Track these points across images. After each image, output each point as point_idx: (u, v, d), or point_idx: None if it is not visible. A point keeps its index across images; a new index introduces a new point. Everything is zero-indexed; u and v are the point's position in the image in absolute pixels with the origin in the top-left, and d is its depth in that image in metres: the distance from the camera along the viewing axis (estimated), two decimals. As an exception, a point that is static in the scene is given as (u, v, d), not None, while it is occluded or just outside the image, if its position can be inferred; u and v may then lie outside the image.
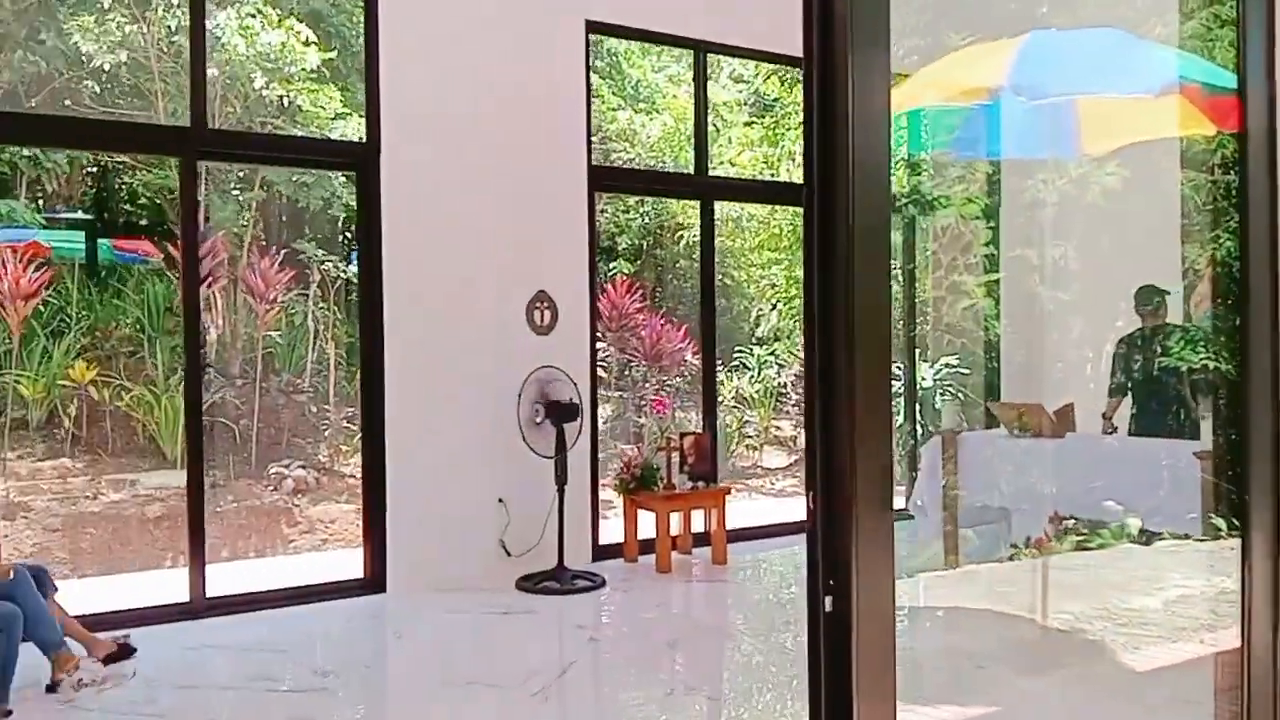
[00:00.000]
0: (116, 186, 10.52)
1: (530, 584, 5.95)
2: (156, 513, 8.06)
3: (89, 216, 10.00)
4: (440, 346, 6.03)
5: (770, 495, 10.41)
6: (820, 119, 1.54)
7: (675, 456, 6.62)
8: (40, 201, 9.94)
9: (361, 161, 5.96)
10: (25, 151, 9.17)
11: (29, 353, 8.76)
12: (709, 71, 12.67)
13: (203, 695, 4.42)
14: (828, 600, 1.49)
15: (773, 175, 11.74)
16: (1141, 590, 5.89)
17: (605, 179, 7.38)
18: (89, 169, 10.25)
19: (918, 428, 8.07)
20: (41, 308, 9.26)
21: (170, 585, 5.69)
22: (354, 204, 7.75)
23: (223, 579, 6.25)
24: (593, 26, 6.56)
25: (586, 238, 6.53)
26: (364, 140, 6.00)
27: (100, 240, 10.23)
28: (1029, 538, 5.59)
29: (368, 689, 4.52)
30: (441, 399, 6.02)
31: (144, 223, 10.27)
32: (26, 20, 8.89)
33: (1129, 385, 6.14)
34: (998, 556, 6.10)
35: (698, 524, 6.77)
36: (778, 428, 11.48)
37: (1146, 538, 5.74)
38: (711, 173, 11.47)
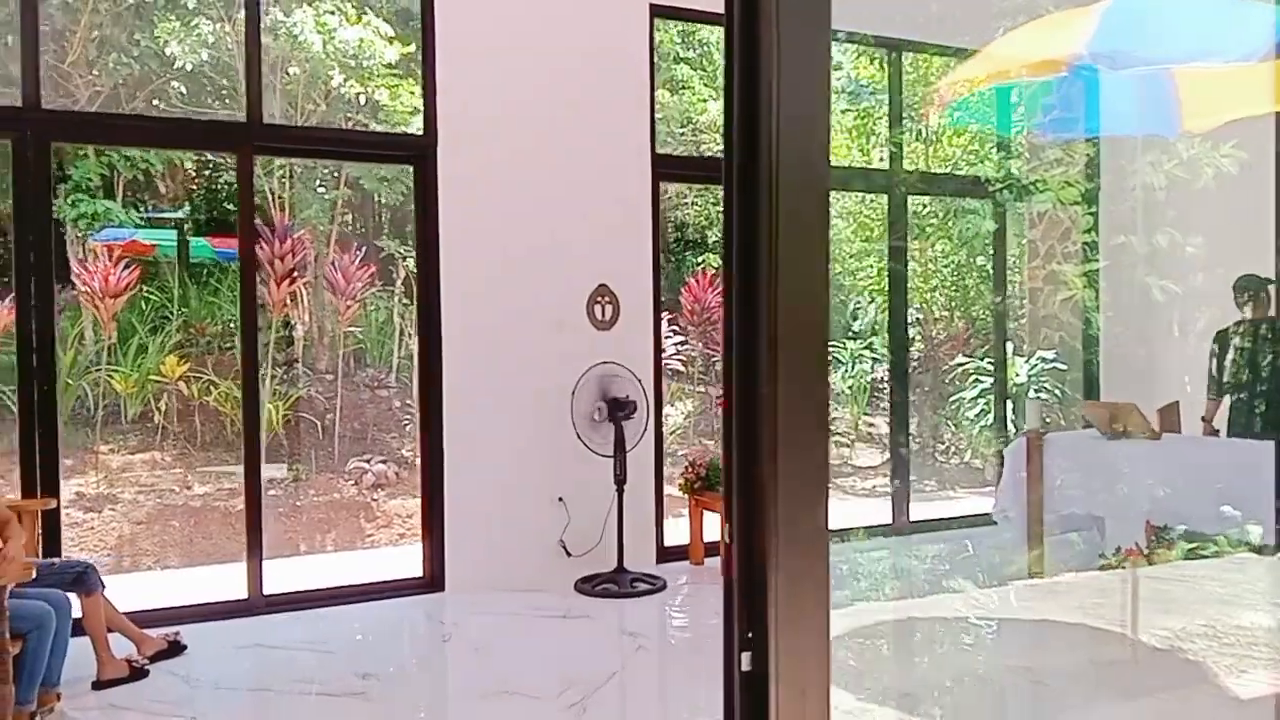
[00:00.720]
0: (216, 185, 10.79)
1: (589, 586, 5.78)
2: (240, 506, 8.16)
3: (181, 214, 10.25)
4: (499, 342, 5.90)
5: (861, 495, 10.03)
6: (742, 75, 1.29)
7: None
8: (148, 203, 10.24)
9: (419, 154, 5.87)
10: (129, 152, 9.44)
11: (126, 348, 9.01)
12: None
13: (240, 696, 4.38)
14: (744, 657, 1.25)
15: (866, 163, 11.32)
16: (1251, 606, 5.40)
17: (670, 168, 7.13)
18: (206, 171, 10.53)
19: (1010, 427, 7.62)
20: (143, 304, 9.53)
21: (246, 579, 5.71)
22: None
23: (299, 573, 6.30)
24: (657, 10, 6.33)
25: (650, 229, 6.31)
26: (422, 133, 5.91)
27: (195, 238, 10.49)
28: (1119, 548, 5.15)
29: (404, 695, 4.41)
30: (501, 396, 5.89)
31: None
32: (123, 24, 9.13)
33: (1231, 383, 5.63)
34: (1087, 567, 5.66)
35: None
36: (870, 424, 11.08)
37: (1261, 548, 5.26)
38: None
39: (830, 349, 10.58)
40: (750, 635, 1.24)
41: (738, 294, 1.28)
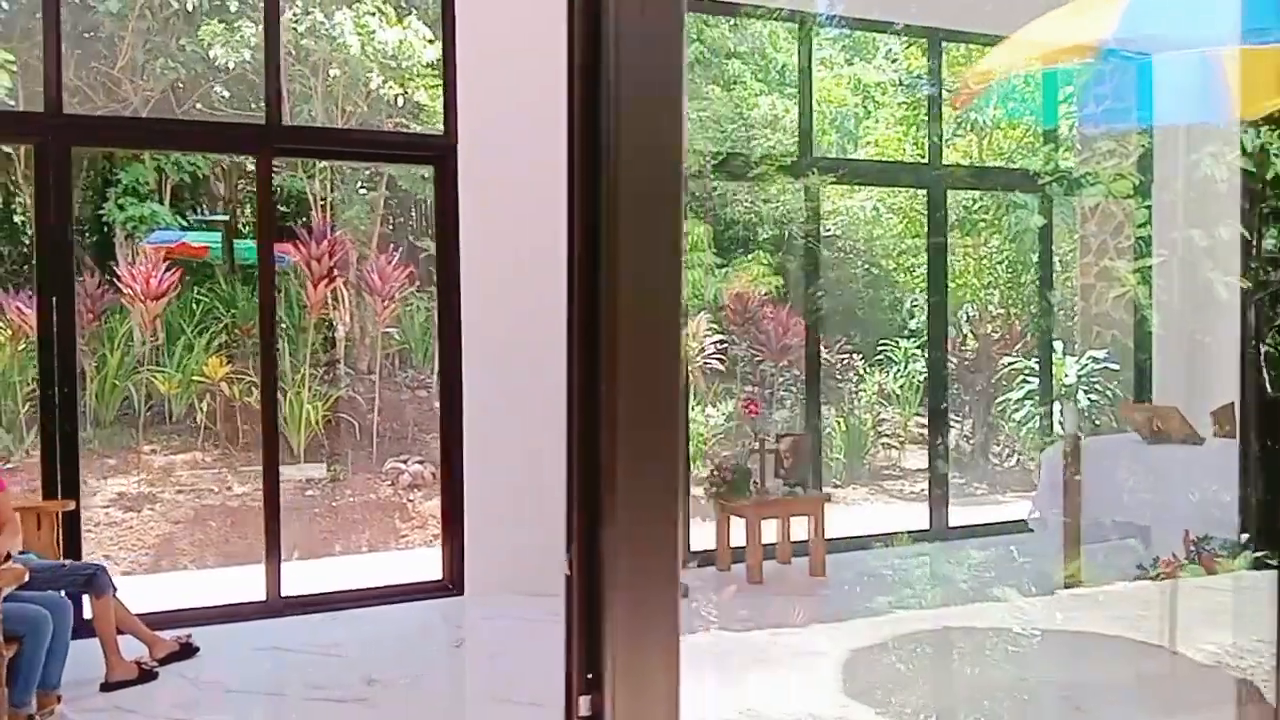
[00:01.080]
0: (270, 189, 10.87)
1: (610, 592, 5.66)
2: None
3: (226, 217, 10.38)
4: (520, 344, 5.79)
5: (909, 499, 9.77)
6: (584, 42, 1.17)
7: (771, 460, 6.18)
8: (201, 205, 10.40)
9: (440, 155, 5.81)
10: (182, 156, 9.58)
11: (174, 349, 9.13)
12: (864, 52, 12.22)
13: (247, 700, 4.36)
14: (583, 701, 1.12)
15: (919, 156, 11.06)
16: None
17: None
18: (246, 174, 10.66)
19: (1057, 429, 7.32)
20: (193, 305, 9.67)
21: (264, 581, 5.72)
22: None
23: (332, 574, 6.30)
24: (692, 5, 6.19)
25: (676, 227, 6.17)
26: (443, 133, 5.85)
27: (243, 240, 10.61)
28: (1156, 558, 4.88)
29: (407, 701, 4.34)
30: (521, 398, 5.79)
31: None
32: (171, 30, 9.27)
33: None
34: (1125, 577, 5.39)
35: (800, 532, 6.30)
36: (923, 425, 10.79)
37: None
38: (854, 156, 11.00)
39: (881, 347, 10.26)
40: (590, 676, 1.12)
41: (578, 285, 1.16)
